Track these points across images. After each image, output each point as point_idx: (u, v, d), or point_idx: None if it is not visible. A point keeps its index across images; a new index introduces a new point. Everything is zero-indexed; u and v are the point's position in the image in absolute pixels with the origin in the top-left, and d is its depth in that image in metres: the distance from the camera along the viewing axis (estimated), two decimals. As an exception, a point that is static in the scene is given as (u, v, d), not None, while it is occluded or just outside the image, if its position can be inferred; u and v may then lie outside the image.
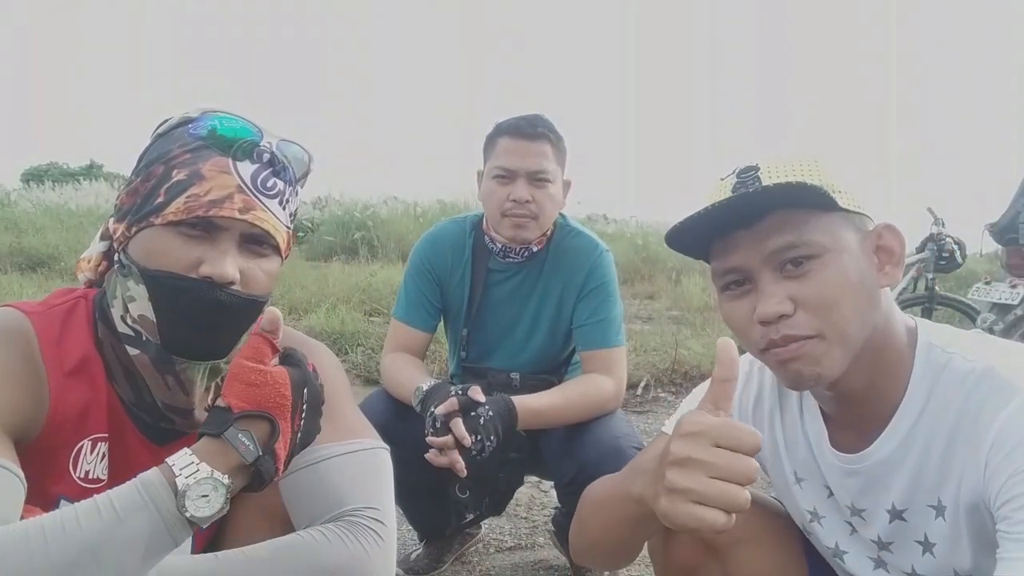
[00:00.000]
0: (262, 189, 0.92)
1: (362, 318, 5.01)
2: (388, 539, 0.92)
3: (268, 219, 0.92)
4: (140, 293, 0.90)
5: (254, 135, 0.94)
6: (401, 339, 1.80)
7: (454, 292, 1.82)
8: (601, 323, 1.72)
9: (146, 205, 0.90)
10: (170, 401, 0.95)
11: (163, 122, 0.97)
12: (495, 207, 1.70)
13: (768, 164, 0.91)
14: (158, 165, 0.91)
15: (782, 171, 0.90)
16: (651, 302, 7.18)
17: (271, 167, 0.93)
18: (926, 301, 4.77)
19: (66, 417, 0.91)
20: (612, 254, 1.83)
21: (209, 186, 0.88)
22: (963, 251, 4.93)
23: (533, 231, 1.71)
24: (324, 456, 0.94)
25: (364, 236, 8.80)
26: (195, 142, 0.91)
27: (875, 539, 0.99)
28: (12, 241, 7.61)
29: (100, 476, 0.95)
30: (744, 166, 0.92)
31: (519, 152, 1.68)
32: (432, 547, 2.02)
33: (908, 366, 0.91)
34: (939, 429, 0.88)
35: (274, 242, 0.94)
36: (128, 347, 0.93)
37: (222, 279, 0.88)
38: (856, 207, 0.90)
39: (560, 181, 1.74)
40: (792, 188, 0.86)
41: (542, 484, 2.59)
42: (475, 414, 1.48)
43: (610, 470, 1.49)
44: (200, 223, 0.88)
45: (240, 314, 0.91)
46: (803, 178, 0.88)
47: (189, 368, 0.93)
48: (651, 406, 3.88)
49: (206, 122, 0.93)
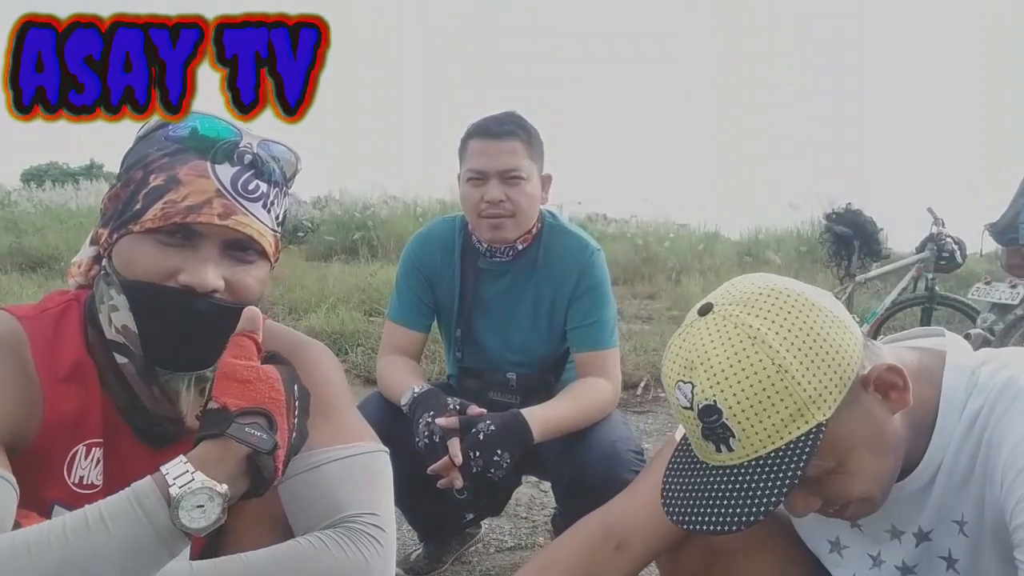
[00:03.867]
0: (243, 192, 0.88)
1: (362, 318, 5.02)
2: (387, 545, 0.91)
3: (251, 223, 0.88)
4: (122, 303, 0.88)
5: (234, 135, 0.90)
6: (396, 341, 1.80)
7: (445, 292, 1.81)
8: (595, 325, 1.71)
9: (125, 212, 0.88)
10: (159, 410, 0.94)
11: (144, 124, 0.95)
12: (471, 210, 1.69)
13: (728, 405, 0.80)
14: (137, 170, 0.89)
15: (748, 413, 0.80)
16: (651, 302, 7.17)
17: (253, 169, 0.90)
18: (926, 301, 4.76)
19: (60, 423, 0.89)
20: (605, 252, 1.81)
21: (187, 191, 0.85)
22: (963, 251, 4.91)
23: (511, 231, 1.69)
24: (323, 460, 0.92)
25: (364, 236, 8.79)
26: (173, 145, 0.89)
27: (899, 565, 0.98)
28: (12, 241, 7.60)
29: (95, 482, 0.93)
30: (702, 405, 0.82)
31: (488, 152, 1.66)
32: (432, 547, 2.02)
33: (935, 400, 0.90)
34: (964, 450, 0.88)
35: (259, 247, 0.90)
36: (116, 355, 0.91)
37: (202, 287, 0.85)
38: (839, 391, 0.81)
39: (536, 177, 1.71)
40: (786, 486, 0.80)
41: (542, 484, 2.59)
42: (476, 430, 1.47)
43: (608, 473, 1.50)
44: (178, 230, 0.86)
45: (222, 323, 0.87)
46: (775, 413, 0.80)
47: (173, 379, 0.91)
48: (651, 406, 3.88)
49: (186, 123, 0.90)
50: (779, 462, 0.81)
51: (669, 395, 0.88)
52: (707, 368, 0.82)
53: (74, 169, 21.77)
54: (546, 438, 1.54)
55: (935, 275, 4.86)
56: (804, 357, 0.80)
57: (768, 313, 0.82)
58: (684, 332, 0.87)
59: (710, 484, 0.85)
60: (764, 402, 0.80)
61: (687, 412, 0.84)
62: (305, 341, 1.06)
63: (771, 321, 0.81)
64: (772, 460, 0.81)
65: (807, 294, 0.85)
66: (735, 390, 0.80)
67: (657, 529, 1.06)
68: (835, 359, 0.81)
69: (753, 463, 0.82)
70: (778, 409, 0.80)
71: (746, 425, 0.80)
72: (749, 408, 0.80)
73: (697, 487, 0.87)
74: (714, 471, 0.86)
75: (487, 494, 1.62)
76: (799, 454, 0.80)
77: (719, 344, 0.82)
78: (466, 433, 1.48)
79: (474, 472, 1.45)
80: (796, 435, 0.80)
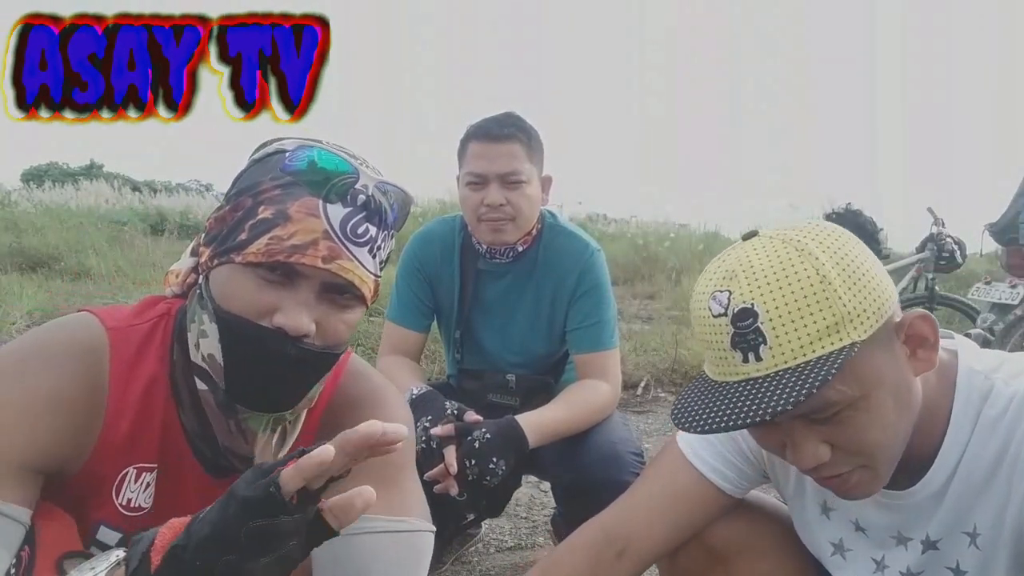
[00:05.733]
0: (351, 236, 0.84)
1: (362, 318, 5.00)
2: None
3: (354, 269, 0.85)
4: (212, 331, 0.85)
5: (351, 172, 0.86)
6: (395, 341, 1.79)
7: (445, 293, 1.81)
8: (595, 326, 1.70)
9: (229, 239, 0.84)
10: (230, 445, 0.91)
11: (261, 145, 0.91)
12: (471, 213, 1.68)
13: (767, 308, 0.79)
14: (246, 197, 0.85)
15: (786, 319, 0.79)
16: (651, 302, 7.16)
17: (365, 211, 0.86)
18: (926, 301, 4.76)
19: (116, 444, 0.87)
20: (605, 253, 1.81)
21: (294, 229, 0.82)
22: (963, 251, 4.92)
23: (512, 233, 1.68)
24: (367, 529, 0.86)
25: (364, 236, 8.79)
26: (286, 177, 0.84)
27: (903, 571, 0.96)
28: (12, 241, 7.59)
29: (143, 505, 0.91)
30: (738, 308, 0.80)
31: (488, 155, 1.64)
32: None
33: (948, 404, 0.88)
34: (982, 458, 0.86)
35: (359, 292, 0.87)
36: (197, 379, 0.89)
37: (296, 331, 0.82)
38: (876, 319, 0.80)
39: (536, 179, 1.70)
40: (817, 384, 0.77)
41: (542, 484, 2.59)
42: (471, 438, 1.47)
43: (608, 475, 1.50)
44: (280, 268, 0.82)
45: (310, 368, 0.86)
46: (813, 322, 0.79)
47: (252, 418, 0.88)
48: (651, 406, 3.88)
49: (303, 153, 0.86)
50: (806, 375, 0.78)
51: (698, 313, 0.85)
52: (749, 274, 0.81)
53: (74, 169, 21.74)
54: (542, 443, 1.54)
55: (935, 275, 4.87)
56: (847, 277, 0.80)
57: (816, 236, 0.82)
58: (724, 253, 0.87)
59: (729, 395, 0.82)
60: (803, 309, 0.78)
61: (718, 321, 0.82)
62: (384, 387, 1.03)
63: (818, 241, 0.82)
64: (800, 372, 0.78)
65: (852, 234, 0.86)
66: (775, 294, 0.79)
67: (657, 533, 1.06)
68: (875, 289, 0.81)
69: (780, 374, 0.79)
70: (816, 319, 0.78)
71: (780, 332, 0.79)
72: (787, 313, 0.78)
73: (714, 400, 0.83)
74: (735, 386, 0.82)
75: (485, 497, 1.61)
76: (828, 371, 0.77)
77: (764, 254, 0.81)
78: (462, 440, 1.47)
79: (470, 480, 1.45)
80: (828, 350, 0.78)
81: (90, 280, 6.41)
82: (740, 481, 1.07)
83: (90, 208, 10.99)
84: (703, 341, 0.86)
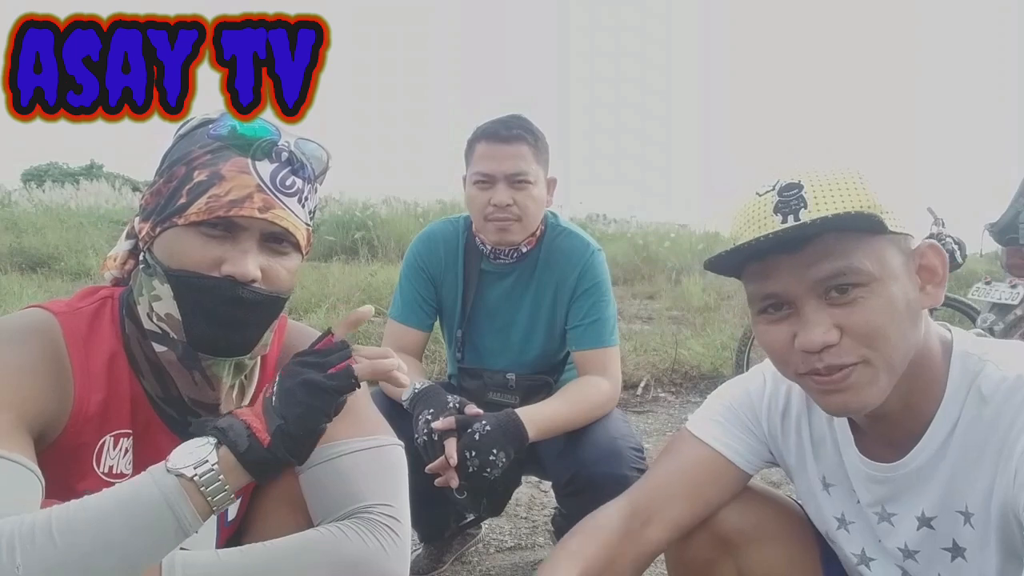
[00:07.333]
0: (281, 188, 0.93)
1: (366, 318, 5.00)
2: (403, 536, 0.96)
3: (287, 217, 0.93)
4: (165, 292, 0.92)
5: (272, 134, 0.95)
6: (397, 339, 1.80)
7: (448, 292, 1.82)
8: (595, 324, 1.71)
9: (169, 206, 0.91)
10: (197, 396, 0.98)
11: (184, 123, 0.98)
12: (478, 213, 1.70)
13: (811, 181, 0.87)
14: (180, 166, 0.92)
15: (827, 189, 0.86)
16: (651, 302, 7.17)
17: (289, 165, 0.94)
18: (926, 301, 4.77)
19: (89, 415, 0.93)
20: (605, 253, 1.82)
21: (229, 186, 0.90)
22: (963, 251, 4.91)
23: (517, 234, 1.70)
24: (343, 451, 0.97)
25: (364, 236, 8.80)
26: (215, 143, 0.93)
27: (901, 547, 0.98)
28: (12, 241, 7.60)
29: (124, 471, 0.97)
30: (786, 183, 0.88)
31: (496, 156, 1.66)
32: (432, 547, 2.02)
33: (943, 377, 0.90)
34: (973, 438, 0.88)
35: (294, 239, 0.95)
36: (155, 344, 0.95)
37: (243, 277, 0.90)
38: (902, 228, 0.87)
39: (543, 180, 1.72)
40: (848, 219, 0.83)
41: (542, 484, 2.59)
42: (471, 430, 1.48)
43: (609, 470, 1.50)
44: (221, 223, 0.90)
45: (262, 310, 0.94)
46: (850, 197, 0.85)
47: (215, 364, 0.96)
48: (651, 406, 3.89)
49: (226, 122, 0.95)
50: (842, 217, 0.84)
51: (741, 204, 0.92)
52: (798, 167, 0.89)
53: (74, 169, 21.74)
54: (542, 437, 1.54)
55: (935, 275, 4.85)
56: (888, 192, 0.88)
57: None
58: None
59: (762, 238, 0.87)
60: (844, 188, 0.86)
61: (764, 196, 0.89)
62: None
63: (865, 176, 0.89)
64: (836, 217, 0.84)
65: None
66: (822, 174, 0.87)
67: (678, 507, 1.09)
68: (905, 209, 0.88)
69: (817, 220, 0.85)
70: (853, 197, 0.85)
71: (820, 198, 0.85)
72: (830, 187, 0.86)
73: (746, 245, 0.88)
74: (769, 235, 0.87)
75: (485, 493, 1.62)
76: (862, 218, 0.83)
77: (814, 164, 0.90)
78: (463, 432, 1.48)
79: (470, 472, 1.45)
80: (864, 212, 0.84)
81: (90, 280, 6.42)
82: (748, 455, 1.11)
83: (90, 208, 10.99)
84: (741, 223, 0.91)
